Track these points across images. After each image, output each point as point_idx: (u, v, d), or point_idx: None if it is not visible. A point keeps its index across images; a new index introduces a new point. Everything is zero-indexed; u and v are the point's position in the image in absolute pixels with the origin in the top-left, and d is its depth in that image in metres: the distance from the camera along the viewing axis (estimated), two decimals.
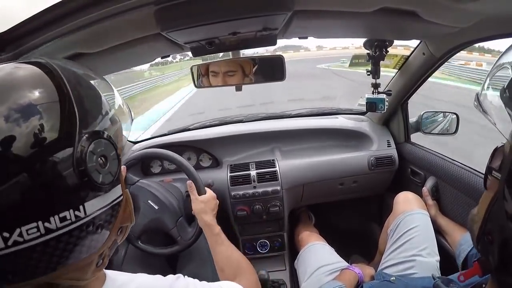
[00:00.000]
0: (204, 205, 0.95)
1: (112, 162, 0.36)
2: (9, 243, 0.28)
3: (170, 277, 0.53)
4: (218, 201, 1.00)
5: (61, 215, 0.30)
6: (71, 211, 0.31)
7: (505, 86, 0.40)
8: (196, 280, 0.56)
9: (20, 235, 0.28)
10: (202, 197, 0.97)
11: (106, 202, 0.35)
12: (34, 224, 0.29)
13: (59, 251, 0.31)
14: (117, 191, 0.38)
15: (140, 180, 1.15)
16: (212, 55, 1.03)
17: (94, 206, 0.33)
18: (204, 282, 0.57)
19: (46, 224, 0.30)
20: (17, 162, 0.29)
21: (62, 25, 0.57)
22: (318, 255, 1.20)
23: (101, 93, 0.39)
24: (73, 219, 0.31)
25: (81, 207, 0.32)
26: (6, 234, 0.28)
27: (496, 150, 0.44)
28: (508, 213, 0.37)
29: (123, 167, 0.96)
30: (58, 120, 0.31)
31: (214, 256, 0.83)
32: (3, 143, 0.28)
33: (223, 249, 0.83)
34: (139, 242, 1.08)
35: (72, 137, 0.32)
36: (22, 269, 0.30)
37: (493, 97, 0.43)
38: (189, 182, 0.98)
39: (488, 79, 0.45)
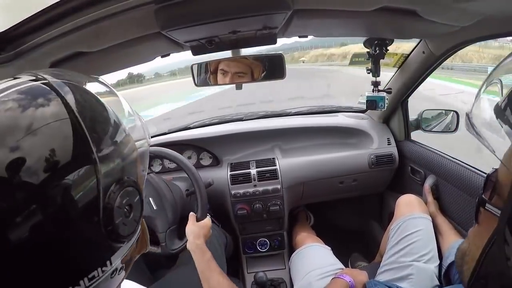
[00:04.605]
0: (199, 230, 0.97)
1: (136, 208, 0.33)
2: None
3: None
4: (211, 232, 1.04)
5: (90, 275, 0.29)
6: (99, 269, 0.30)
7: (499, 101, 0.36)
8: None
9: None
10: (200, 222, 1.00)
11: (128, 246, 0.34)
12: None
13: None
14: (138, 230, 0.35)
15: (151, 174, 1.14)
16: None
17: (119, 255, 0.32)
18: None
19: None
20: (47, 231, 0.26)
21: (62, 24, 0.57)
22: (311, 258, 1.19)
23: (122, 124, 0.34)
24: (100, 274, 0.30)
25: (107, 262, 0.31)
26: None
27: (488, 178, 0.40)
28: (510, 259, 0.33)
29: None
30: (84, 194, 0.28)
31: (205, 281, 0.84)
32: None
33: (215, 276, 0.85)
34: None
35: (97, 203, 0.29)
36: None
37: (485, 113, 0.39)
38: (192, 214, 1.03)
39: (477, 98, 0.41)
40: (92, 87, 0.35)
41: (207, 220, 1.03)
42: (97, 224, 0.29)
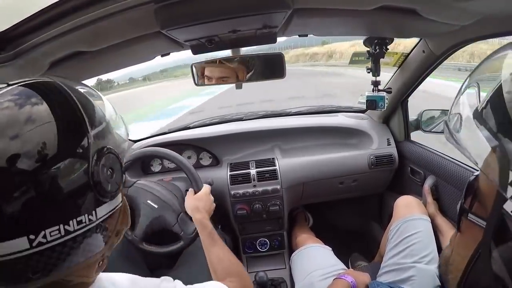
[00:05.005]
0: (197, 203, 0.95)
1: (117, 173, 0.41)
2: (34, 244, 0.33)
3: (155, 279, 0.56)
4: (213, 199, 1.00)
5: (78, 219, 0.36)
6: (86, 215, 0.37)
7: (478, 106, 0.35)
8: (180, 284, 0.59)
9: (44, 236, 0.33)
10: (196, 195, 0.98)
11: (111, 207, 0.41)
12: (56, 227, 0.34)
13: (74, 250, 0.36)
14: (119, 198, 0.43)
15: (138, 181, 1.15)
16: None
17: (103, 211, 0.39)
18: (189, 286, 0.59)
19: (66, 227, 0.35)
20: (45, 175, 0.33)
21: (62, 23, 0.57)
22: (313, 258, 1.19)
23: (105, 114, 0.43)
24: (87, 222, 0.37)
25: (93, 212, 0.37)
26: (32, 236, 0.32)
27: (469, 185, 0.39)
28: (495, 274, 0.33)
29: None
30: (74, 142, 0.37)
31: (207, 256, 0.83)
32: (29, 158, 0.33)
33: (216, 250, 0.83)
34: (144, 244, 1.07)
35: (88, 155, 0.37)
36: (42, 268, 0.34)
37: (463, 119, 0.38)
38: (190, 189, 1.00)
39: (455, 103, 0.41)
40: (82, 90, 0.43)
41: (204, 190, 1.00)
42: (87, 175, 0.37)
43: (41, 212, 0.33)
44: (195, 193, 1.00)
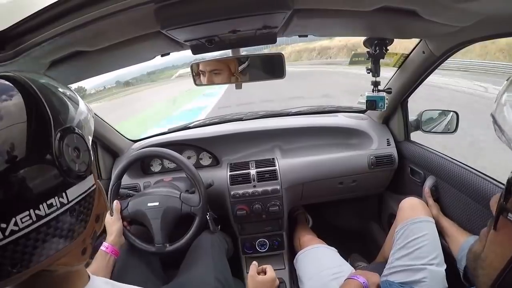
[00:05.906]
0: (259, 286, 0.90)
1: (84, 153, 0.41)
2: (7, 233, 0.32)
3: None
4: (278, 283, 0.95)
5: (49, 202, 0.35)
6: (56, 198, 0.36)
7: None
8: None
9: (16, 224, 0.32)
10: (262, 278, 0.91)
11: (84, 189, 0.40)
12: (27, 213, 0.33)
13: (50, 236, 0.35)
14: (91, 180, 0.42)
15: (130, 199, 1.16)
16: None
17: (74, 193, 0.38)
18: None
19: (37, 212, 0.34)
20: (8, 160, 0.32)
21: (62, 23, 0.57)
22: (320, 258, 1.20)
23: (66, 100, 0.42)
24: (59, 205, 0.36)
25: (63, 194, 0.37)
26: (3, 225, 0.31)
27: (510, 182, 0.38)
28: None
29: (116, 202, 1.11)
30: (36, 123, 0.36)
31: None
32: None
33: None
34: (169, 246, 1.08)
35: (49, 134, 0.36)
36: (20, 258, 0.33)
37: None
38: (254, 263, 0.95)
39: (506, 91, 0.39)
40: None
41: (271, 275, 0.93)
42: (51, 154, 0.36)
43: (7, 199, 0.32)
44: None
